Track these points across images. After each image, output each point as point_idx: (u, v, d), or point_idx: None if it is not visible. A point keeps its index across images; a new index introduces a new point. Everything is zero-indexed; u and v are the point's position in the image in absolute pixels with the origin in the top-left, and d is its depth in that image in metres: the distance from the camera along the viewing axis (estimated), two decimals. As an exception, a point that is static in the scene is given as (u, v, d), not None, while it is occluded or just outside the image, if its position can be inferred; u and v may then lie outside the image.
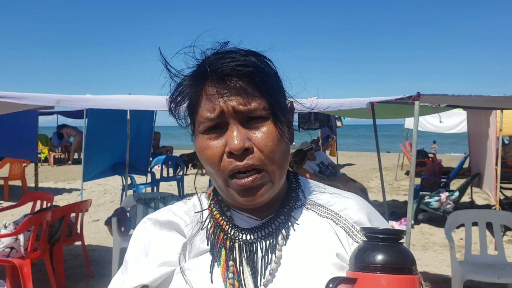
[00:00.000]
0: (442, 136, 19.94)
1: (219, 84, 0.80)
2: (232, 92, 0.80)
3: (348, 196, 0.96)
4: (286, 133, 0.84)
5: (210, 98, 0.81)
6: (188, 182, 11.80)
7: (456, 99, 4.22)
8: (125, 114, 6.18)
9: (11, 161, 9.85)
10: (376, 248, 0.75)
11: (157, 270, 0.88)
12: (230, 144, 0.80)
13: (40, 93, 4.53)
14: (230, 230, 0.89)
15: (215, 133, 0.82)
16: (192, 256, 0.89)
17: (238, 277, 0.84)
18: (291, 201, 0.91)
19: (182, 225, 0.92)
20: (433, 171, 9.57)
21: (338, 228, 0.90)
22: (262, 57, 0.84)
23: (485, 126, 7.30)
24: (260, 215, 0.90)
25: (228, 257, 0.86)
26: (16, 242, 4.09)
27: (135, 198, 5.10)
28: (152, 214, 0.97)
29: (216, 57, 0.82)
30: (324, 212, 0.92)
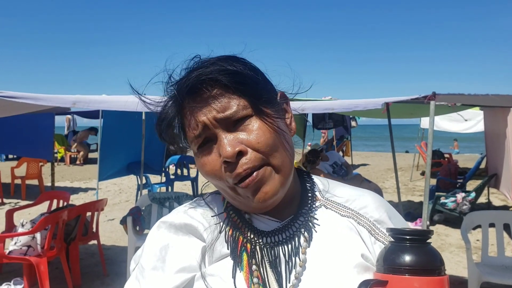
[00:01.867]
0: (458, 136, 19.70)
1: (193, 101, 0.80)
2: (208, 103, 0.79)
3: (366, 194, 0.94)
4: (277, 123, 0.82)
5: (190, 117, 0.81)
6: (203, 182, 11.83)
7: (473, 98, 4.17)
8: (140, 114, 6.22)
9: (28, 160, 9.98)
10: (404, 250, 0.74)
11: (176, 277, 0.84)
12: (222, 153, 0.78)
13: (57, 95, 4.58)
14: (249, 233, 0.86)
15: (207, 148, 0.82)
16: (213, 261, 0.86)
17: (263, 282, 0.82)
18: (309, 201, 0.89)
19: (201, 228, 0.88)
20: (449, 171, 9.46)
21: (360, 227, 0.88)
22: (229, 59, 0.83)
23: (503, 125, 7.20)
24: (278, 216, 0.87)
25: (250, 262, 0.83)
26: (33, 241, 4.15)
27: (150, 197, 5.14)
28: (166, 217, 0.93)
29: (183, 76, 0.82)
30: (344, 211, 0.90)
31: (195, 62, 0.83)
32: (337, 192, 0.93)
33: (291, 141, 0.86)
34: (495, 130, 7.88)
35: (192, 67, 0.82)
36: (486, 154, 8.96)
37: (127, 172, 8.16)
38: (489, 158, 8.58)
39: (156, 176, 9.27)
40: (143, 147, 5.83)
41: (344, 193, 0.93)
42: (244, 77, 0.80)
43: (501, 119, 7.28)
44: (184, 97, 0.81)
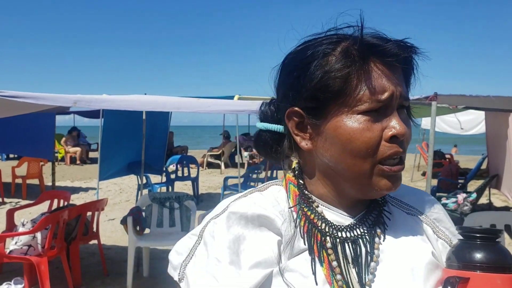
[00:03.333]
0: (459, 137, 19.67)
1: (388, 66, 0.78)
2: (400, 78, 0.80)
3: (423, 193, 0.96)
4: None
5: (378, 79, 0.76)
6: (203, 182, 11.85)
7: (474, 100, 4.17)
8: (140, 113, 6.24)
9: (29, 160, 9.98)
10: (476, 247, 0.77)
11: (256, 273, 0.78)
12: (396, 128, 0.77)
13: (58, 94, 4.58)
14: (326, 227, 0.83)
15: (374, 117, 0.77)
16: (290, 256, 0.81)
17: (345, 279, 0.79)
18: (380, 201, 0.89)
19: (277, 221, 0.82)
20: (450, 172, 9.46)
21: (425, 225, 0.89)
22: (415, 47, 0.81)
23: (504, 126, 7.20)
24: (351, 212, 0.86)
25: (330, 257, 0.80)
26: (34, 240, 4.15)
27: (150, 197, 5.14)
28: (234, 207, 0.85)
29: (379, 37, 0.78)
30: (409, 209, 0.91)
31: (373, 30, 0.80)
32: (398, 190, 0.88)
33: None
34: (496, 130, 7.88)
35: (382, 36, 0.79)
36: (487, 154, 8.95)
37: (127, 172, 8.16)
38: (491, 158, 8.58)
39: (156, 176, 9.27)
40: (143, 146, 5.84)
41: (404, 192, 0.93)
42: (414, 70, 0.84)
43: (502, 120, 7.28)
44: (375, 56, 0.77)
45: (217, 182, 12.07)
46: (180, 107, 4.73)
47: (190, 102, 5.02)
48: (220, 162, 15.25)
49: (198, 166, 10.52)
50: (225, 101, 5.82)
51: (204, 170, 14.96)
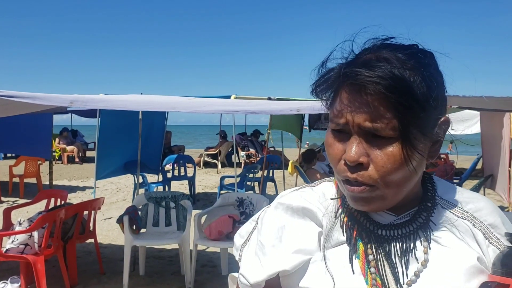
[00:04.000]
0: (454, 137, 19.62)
1: (352, 94, 0.77)
2: (361, 107, 0.75)
3: (479, 197, 0.93)
4: (414, 158, 0.77)
5: (341, 105, 0.79)
6: (199, 181, 11.87)
7: (467, 100, 4.20)
8: (137, 113, 6.25)
9: (27, 159, 9.99)
10: None
11: (294, 257, 0.87)
12: (346, 153, 0.79)
13: (54, 94, 4.61)
14: (365, 222, 0.87)
15: (340, 136, 0.81)
16: (329, 246, 0.88)
17: (379, 273, 0.83)
18: (429, 202, 0.88)
19: (319, 214, 0.90)
20: (445, 172, 9.48)
21: (476, 229, 0.87)
22: (412, 58, 0.77)
23: (499, 127, 7.24)
24: (395, 211, 0.87)
25: (366, 251, 0.84)
26: (31, 239, 4.17)
27: (146, 196, 5.17)
28: (283, 199, 0.94)
29: (358, 62, 0.77)
30: (460, 213, 0.89)
31: (372, 47, 0.80)
32: (453, 193, 0.93)
33: (421, 168, 0.82)
34: (491, 131, 7.92)
35: (363, 58, 0.78)
36: (482, 155, 8.99)
37: (124, 171, 8.18)
38: (485, 159, 8.61)
39: (153, 175, 9.29)
40: (139, 146, 5.85)
41: (459, 195, 0.92)
42: (412, 98, 0.74)
43: (497, 121, 7.33)
44: (344, 82, 0.78)
45: (214, 182, 12.09)
46: (176, 107, 4.75)
47: (186, 102, 5.04)
48: (216, 161, 15.27)
49: (195, 165, 10.53)
50: (222, 100, 5.85)
51: (201, 169, 14.98)
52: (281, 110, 5.26)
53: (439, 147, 0.84)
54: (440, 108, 0.80)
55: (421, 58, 0.78)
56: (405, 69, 0.75)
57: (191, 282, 4.61)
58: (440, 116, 0.81)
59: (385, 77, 0.73)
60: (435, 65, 0.81)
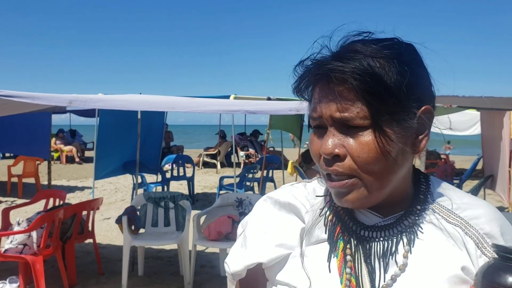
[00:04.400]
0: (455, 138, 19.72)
1: (323, 87, 0.78)
2: (332, 98, 0.76)
3: (480, 204, 0.88)
4: (390, 146, 0.76)
5: (316, 100, 0.80)
6: (198, 182, 11.85)
7: (467, 100, 4.20)
8: (136, 113, 6.24)
9: (25, 159, 9.98)
10: (509, 270, 0.69)
11: (274, 251, 0.87)
12: (322, 146, 0.79)
13: (53, 93, 4.59)
14: (349, 222, 0.86)
15: (319, 132, 0.81)
16: (310, 243, 0.88)
17: (355, 274, 0.82)
18: (418, 205, 0.86)
19: (302, 210, 0.91)
20: (446, 172, 9.50)
21: (467, 238, 0.83)
22: (384, 48, 0.77)
23: (499, 127, 7.25)
24: (382, 212, 0.85)
25: (345, 251, 0.84)
26: (29, 239, 4.16)
27: (145, 197, 5.15)
28: (273, 193, 0.96)
29: (329, 56, 0.78)
30: (453, 219, 0.85)
31: (344, 42, 0.80)
32: (451, 197, 0.88)
33: (404, 159, 0.80)
34: (491, 131, 7.92)
35: (334, 52, 0.79)
36: (482, 155, 8.99)
37: (123, 171, 8.16)
38: (486, 159, 8.62)
39: (152, 175, 9.28)
40: (138, 146, 5.84)
41: (458, 200, 0.88)
42: (380, 85, 0.74)
43: (497, 121, 7.32)
44: (316, 77, 0.79)
45: (213, 182, 12.08)
46: (175, 107, 4.74)
47: (185, 101, 5.03)
48: (216, 161, 15.26)
49: (194, 165, 10.52)
50: (221, 100, 5.84)
51: (200, 169, 14.98)
52: (280, 110, 5.25)
53: (425, 139, 0.82)
54: (417, 97, 0.78)
55: (397, 48, 0.78)
56: (376, 58, 0.75)
57: (190, 283, 4.60)
58: (420, 105, 0.79)
59: (351, 66, 0.74)
60: (412, 55, 0.80)
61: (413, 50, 0.81)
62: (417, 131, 0.80)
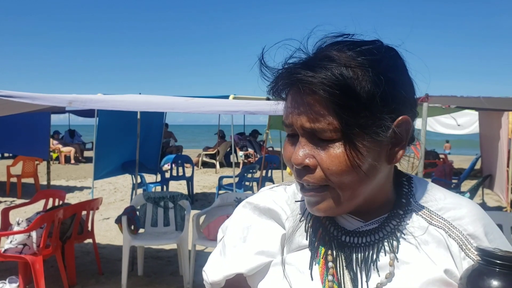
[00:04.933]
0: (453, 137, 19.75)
1: (294, 95, 0.75)
2: (302, 108, 0.74)
3: (464, 204, 0.85)
4: (360, 160, 0.73)
5: (288, 107, 0.78)
6: (198, 181, 11.86)
7: (464, 100, 4.22)
8: (135, 113, 6.25)
9: (24, 159, 9.98)
10: (492, 274, 0.68)
11: (254, 259, 0.85)
12: (292, 157, 0.77)
13: (53, 94, 4.60)
14: (330, 227, 0.84)
15: (292, 139, 0.79)
16: (291, 250, 0.85)
17: (337, 281, 0.80)
18: (400, 210, 0.83)
19: (283, 216, 0.88)
20: (444, 172, 9.53)
21: (451, 240, 0.81)
22: (361, 54, 0.73)
23: (497, 127, 7.27)
24: (364, 216, 0.83)
25: (326, 257, 0.81)
26: (29, 239, 4.17)
27: (144, 197, 5.16)
28: (252, 198, 0.93)
29: (301, 62, 0.75)
30: (436, 220, 0.83)
31: (316, 48, 0.77)
32: (434, 198, 0.86)
33: (376, 172, 0.77)
34: (489, 131, 7.95)
35: (307, 58, 0.76)
36: (481, 155, 9.02)
37: (122, 171, 8.17)
38: (484, 159, 8.65)
39: (151, 175, 9.29)
40: (138, 146, 5.84)
41: (441, 200, 0.85)
42: (351, 98, 0.71)
43: (495, 121, 7.35)
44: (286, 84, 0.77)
45: (212, 182, 12.09)
46: (175, 108, 4.75)
47: (185, 102, 5.04)
48: (215, 161, 15.27)
49: (193, 165, 10.52)
50: (220, 101, 5.84)
51: (199, 169, 14.98)
52: (279, 111, 5.22)
53: (402, 149, 0.78)
54: (393, 108, 0.74)
55: (375, 54, 0.74)
56: (349, 67, 0.71)
57: (190, 283, 4.61)
58: (395, 116, 0.75)
59: (322, 76, 0.70)
60: (392, 60, 0.76)
61: (393, 55, 0.78)
62: (393, 142, 0.77)
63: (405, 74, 0.79)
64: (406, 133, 0.78)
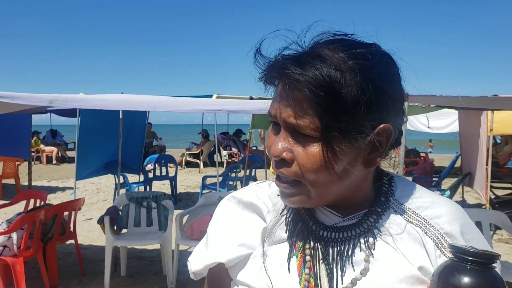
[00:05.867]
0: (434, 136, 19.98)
1: (283, 88, 0.76)
2: (287, 102, 0.74)
3: (443, 203, 0.87)
4: (335, 162, 0.75)
5: (276, 96, 0.78)
6: (181, 181, 11.82)
7: (444, 100, 4.29)
8: (117, 113, 6.22)
9: (5, 159, 9.83)
10: (463, 270, 0.69)
11: (235, 251, 0.88)
12: (271, 148, 0.79)
13: (33, 93, 4.55)
14: (309, 222, 0.86)
15: (275, 128, 0.81)
16: (271, 243, 0.87)
17: (314, 274, 0.81)
18: (379, 207, 0.85)
19: (264, 210, 0.90)
20: (425, 170, 9.63)
21: (427, 237, 0.82)
22: (351, 57, 0.73)
23: (476, 125, 7.37)
24: (343, 211, 0.85)
25: (304, 251, 0.83)
26: (9, 241, 4.11)
27: (127, 197, 5.13)
28: (237, 192, 0.96)
29: (293, 57, 0.76)
30: (414, 218, 0.84)
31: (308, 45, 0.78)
32: (414, 196, 0.87)
33: (349, 175, 0.78)
34: (469, 129, 8.05)
35: (299, 54, 0.76)
36: (460, 153, 9.14)
37: (104, 171, 8.11)
38: (464, 157, 8.75)
39: (134, 175, 9.23)
40: (120, 146, 5.81)
41: (420, 199, 0.87)
42: (335, 101, 0.71)
43: (474, 119, 7.45)
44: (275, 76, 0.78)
45: (196, 181, 12.06)
46: (157, 106, 4.73)
47: (167, 101, 5.03)
48: (198, 161, 15.23)
49: (176, 165, 10.48)
50: (203, 100, 5.85)
51: (183, 169, 14.93)
52: (263, 110, 5.22)
53: (380, 156, 0.79)
54: (376, 116, 0.74)
55: (368, 59, 0.74)
56: (339, 70, 0.71)
57: (173, 282, 4.60)
58: (377, 124, 0.75)
59: (310, 75, 0.71)
60: (385, 67, 0.76)
61: (387, 62, 0.78)
62: (372, 148, 0.77)
63: (395, 82, 0.79)
64: (387, 140, 0.78)
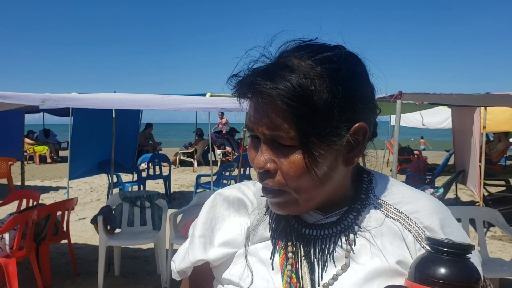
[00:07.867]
0: (427, 133, 20.11)
1: (255, 102, 0.77)
2: (262, 116, 0.76)
3: (422, 197, 0.89)
4: (316, 165, 0.76)
5: (251, 111, 0.79)
6: (175, 180, 11.80)
7: (437, 97, 4.30)
8: (110, 111, 6.19)
9: (-3, 159, 9.77)
10: (439, 261, 0.71)
11: (220, 250, 0.90)
12: (254, 160, 0.80)
13: (25, 92, 4.52)
14: (292, 220, 0.88)
15: (255, 142, 0.82)
16: (255, 241, 0.89)
17: (296, 270, 0.84)
18: (358, 205, 0.87)
19: (249, 208, 0.92)
20: (418, 167, 9.68)
21: (406, 232, 0.84)
22: (320, 62, 0.76)
23: (469, 123, 7.40)
24: (324, 210, 0.87)
25: (287, 248, 0.85)
26: (2, 241, 4.08)
27: (121, 196, 5.11)
28: (223, 190, 0.97)
29: (260, 70, 0.77)
30: (393, 213, 0.86)
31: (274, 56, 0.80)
32: (393, 192, 0.89)
33: (330, 177, 0.80)
34: (462, 127, 8.08)
35: (266, 67, 0.78)
36: (454, 150, 9.18)
37: (98, 171, 8.08)
38: (457, 154, 8.79)
39: (128, 174, 9.19)
40: (113, 145, 5.78)
41: (399, 194, 0.88)
42: (308, 108, 0.73)
43: (467, 117, 7.48)
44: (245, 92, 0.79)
45: (190, 180, 12.03)
46: (150, 105, 4.72)
47: (161, 99, 5.01)
48: (192, 160, 15.20)
49: (170, 164, 10.46)
50: (197, 98, 5.84)
51: (177, 168, 14.90)
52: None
53: (358, 153, 0.82)
54: (350, 116, 0.77)
55: (334, 62, 0.76)
56: (308, 77, 0.73)
57: (167, 282, 4.59)
58: (351, 124, 0.78)
59: (280, 87, 0.73)
60: (352, 67, 0.78)
61: (353, 62, 0.80)
62: (350, 147, 0.80)
63: (364, 80, 0.82)
64: (363, 138, 0.81)
